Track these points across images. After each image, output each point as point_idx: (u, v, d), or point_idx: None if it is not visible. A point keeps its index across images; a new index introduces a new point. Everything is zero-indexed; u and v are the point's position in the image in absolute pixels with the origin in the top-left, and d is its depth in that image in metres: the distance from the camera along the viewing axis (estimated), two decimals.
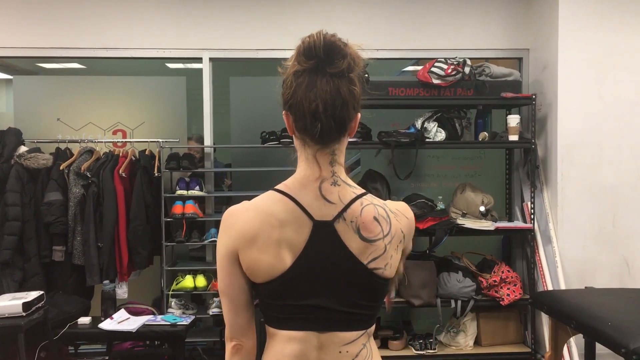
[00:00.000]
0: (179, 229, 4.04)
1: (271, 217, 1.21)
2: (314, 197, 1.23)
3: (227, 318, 1.28)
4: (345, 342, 1.24)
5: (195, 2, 4.26)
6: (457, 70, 3.94)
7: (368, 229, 1.23)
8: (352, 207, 1.23)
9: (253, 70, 5.17)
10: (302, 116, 1.19)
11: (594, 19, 3.97)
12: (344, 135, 1.25)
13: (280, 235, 1.20)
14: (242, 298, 1.26)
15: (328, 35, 1.18)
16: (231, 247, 1.23)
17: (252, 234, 1.21)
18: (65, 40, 4.21)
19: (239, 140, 4.60)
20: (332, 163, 1.24)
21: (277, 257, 1.20)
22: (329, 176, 1.24)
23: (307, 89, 1.18)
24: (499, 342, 4.08)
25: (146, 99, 4.59)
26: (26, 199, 3.85)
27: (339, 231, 1.22)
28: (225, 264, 1.25)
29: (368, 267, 1.23)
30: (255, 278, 1.23)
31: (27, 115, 4.43)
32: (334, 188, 1.24)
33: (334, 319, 1.23)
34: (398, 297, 4.00)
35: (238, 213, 1.25)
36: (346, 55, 1.18)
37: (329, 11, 4.27)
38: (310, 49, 1.17)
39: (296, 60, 1.20)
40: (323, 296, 1.22)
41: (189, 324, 3.55)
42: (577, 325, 2.69)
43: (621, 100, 4.00)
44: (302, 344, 1.23)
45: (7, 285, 3.75)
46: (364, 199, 1.25)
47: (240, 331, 1.28)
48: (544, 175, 4.15)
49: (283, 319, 1.24)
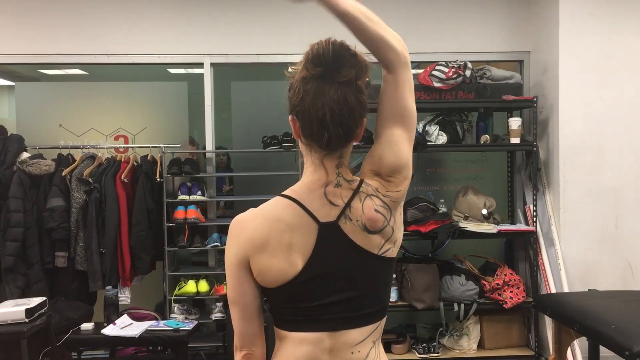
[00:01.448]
0: (181, 234, 4.04)
1: (280, 222, 1.22)
2: (320, 201, 1.24)
3: (237, 327, 1.28)
4: (357, 341, 1.25)
5: (196, 8, 4.27)
6: (458, 73, 3.94)
7: (373, 223, 1.25)
8: (353, 205, 1.25)
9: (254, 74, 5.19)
10: (309, 124, 1.20)
11: (594, 21, 3.97)
12: (351, 141, 1.26)
13: (290, 240, 1.22)
14: (253, 305, 1.26)
15: (337, 43, 1.19)
16: (241, 254, 1.24)
17: (262, 240, 1.22)
18: (67, 46, 4.23)
19: (240, 145, 4.60)
20: (338, 166, 1.26)
21: (288, 262, 1.21)
22: (334, 178, 1.26)
23: (315, 97, 1.19)
24: (503, 346, 4.07)
25: (148, 105, 4.60)
26: (28, 205, 3.86)
27: (345, 229, 1.24)
28: (235, 272, 1.25)
29: (379, 254, 1.26)
30: (267, 284, 1.24)
31: (29, 122, 4.45)
32: (337, 190, 1.25)
33: (347, 317, 1.25)
34: (401, 300, 3.99)
35: (246, 220, 1.25)
36: (354, 64, 1.19)
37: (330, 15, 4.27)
38: (319, 56, 1.18)
39: (304, 67, 1.20)
40: (336, 295, 1.24)
41: (191, 329, 3.55)
42: (581, 328, 2.68)
43: (622, 102, 4.00)
44: (314, 345, 1.23)
45: (10, 292, 3.74)
46: (360, 194, 1.26)
47: (250, 340, 1.27)
48: (546, 178, 4.15)
49: (295, 321, 1.25)
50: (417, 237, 3.95)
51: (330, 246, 1.23)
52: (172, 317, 3.89)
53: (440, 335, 4.06)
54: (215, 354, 4.26)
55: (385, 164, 1.27)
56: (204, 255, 4.42)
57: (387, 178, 1.28)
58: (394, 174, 1.28)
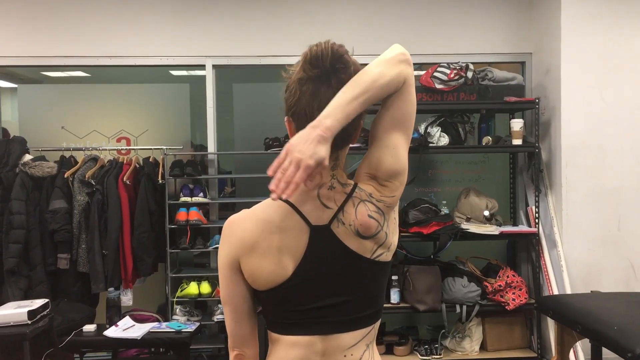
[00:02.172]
0: (183, 236, 4.05)
1: (270, 224, 1.22)
2: (313, 204, 1.23)
3: (229, 327, 1.28)
4: (349, 345, 1.24)
5: (197, 10, 4.28)
6: (460, 74, 3.94)
7: (366, 228, 1.23)
8: (346, 209, 1.23)
9: (256, 76, 5.19)
10: (305, 125, 1.18)
11: (596, 22, 3.97)
12: (347, 144, 1.25)
13: (280, 242, 1.21)
14: (244, 306, 1.26)
15: (335, 46, 1.18)
16: (232, 255, 1.24)
17: (252, 241, 1.22)
18: (70, 48, 4.24)
19: (242, 147, 4.61)
20: (333, 168, 1.25)
21: (278, 264, 1.21)
22: (328, 181, 1.24)
23: (311, 98, 1.18)
24: (505, 347, 4.06)
25: (150, 106, 4.61)
26: (31, 207, 3.86)
27: (338, 233, 1.22)
28: (226, 272, 1.25)
29: (371, 258, 1.24)
30: (258, 286, 1.24)
31: (31, 124, 4.45)
32: (331, 192, 1.24)
33: (339, 320, 1.24)
34: (403, 302, 3.99)
35: (237, 221, 1.26)
36: (352, 66, 1.19)
37: (331, 16, 4.28)
38: (317, 58, 1.17)
39: (302, 68, 1.20)
40: (327, 298, 1.23)
41: (193, 330, 3.55)
42: (583, 329, 2.68)
43: (624, 103, 3.99)
44: (306, 349, 1.23)
45: (13, 294, 3.75)
46: (354, 198, 1.24)
47: (242, 340, 1.28)
48: (548, 179, 4.15)
49: (287, 324, 1.24)
50: (419, 238, 3.95)
51: (322, 250, 1.22)
52: (174, 318, 3.89)
53: (442, 337, 4.06)
54: (217, 356, 4.26)
55: (383, 168, 1.24)
56: (206, 257, 4.42)
57: (384, 182, 1.25)
58: (391, 178, 1.25)
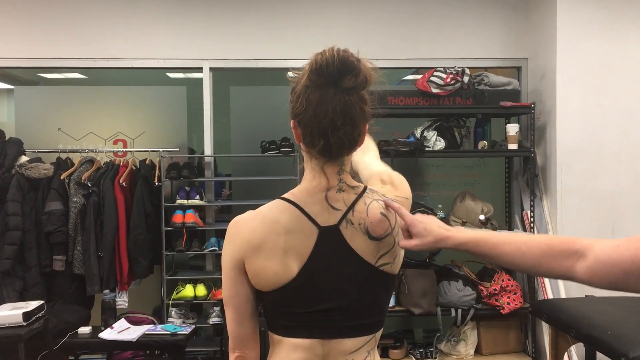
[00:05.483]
0: (179, 238, 4.04)
1: (277, 225, 1.21)
2: (320, 206, 1.23)
3: (230, 328, 1.28)
4: (351, 350, 1.24)
5: (195, 12, 4.29)
6: (456, 79, 3.95)
7: (377, 228, 1.24)
8: (357, 208, 1.24)
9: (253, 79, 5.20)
10: (310, 132, 1.18)
11: (591, 28, 3.99)
12: (353, 149, 1.25)
13: (286, 244, 1.21)
14: (247, 307, 1.26)
15: (341, 52, 1.16)
16: (237, 255, 1.24)
17: (258, 242, 1.21)
18: (66, 50, 4.24)
19: (239, 150, 4.61)
20: (339, 172, 1.25)
21: (283, 265, 1.21)
22: (336, 184, 1.25)
23: (318, 106, 1.17)
24: (500, 351, 4.07)
25: (147, 109, 4.60)
26: (27, 209, 3.86)
27: (345, 234, 1.22)
28: (230, 273, 1.25)
29: (376, 265, 1.24)
30: (262, 287, 1.23)
31: (28, 125, 4.44)
32: (340, 195, 1.24)
33: (341, 326, 1.23)
34: (398, 305, 3.99)
35: (243, 222, 1.25)
36: (359, 73, 1.17)
37: (329, 20, 4.30)
38: (323, 68, 1.15)
39: (308, 77, 1.18)
40: (330, 302, 1.22)
41: (189, 333, 3.55)
42: (577, 334, 2.69)
43: (619, 108, 4.01)
44: (308, 352, 1.23)
45: (8, 295, 3.74)
46: (365, 197, 1.25)
47: (243, 342, 1.28)
48: (544, 184, 4.16)
49: (289, 326, 1.24)
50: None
51: (327, 252, 1.22)
52: (169, 321, 3.89)
53: (437, 341, 4.07)
54: (212, 359, 4.25)
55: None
56: (202, 259, 4.41)
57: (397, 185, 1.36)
58: None
